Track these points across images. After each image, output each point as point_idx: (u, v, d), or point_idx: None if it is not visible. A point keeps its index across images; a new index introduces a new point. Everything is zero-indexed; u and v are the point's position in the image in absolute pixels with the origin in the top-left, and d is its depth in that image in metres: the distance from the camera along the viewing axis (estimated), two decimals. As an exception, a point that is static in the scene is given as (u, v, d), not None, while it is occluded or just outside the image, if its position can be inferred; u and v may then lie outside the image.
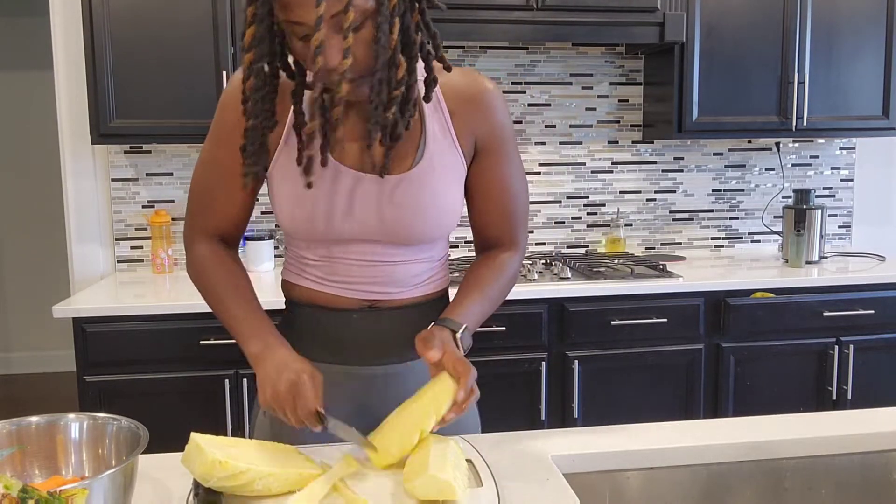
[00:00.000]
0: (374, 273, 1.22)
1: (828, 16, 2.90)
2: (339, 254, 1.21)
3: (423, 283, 1.27)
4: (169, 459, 1.13)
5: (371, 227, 1.19)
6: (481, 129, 1.22)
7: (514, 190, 1.28)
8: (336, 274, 1.23)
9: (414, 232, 1.20)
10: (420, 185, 1.18)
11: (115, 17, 2.52)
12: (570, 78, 3.14)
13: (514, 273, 1.31)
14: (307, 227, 1.19)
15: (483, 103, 1.21)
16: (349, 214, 1.18)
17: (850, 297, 2.74)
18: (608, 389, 2.64)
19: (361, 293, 1.23)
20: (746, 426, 1.26)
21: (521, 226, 1.32)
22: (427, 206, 1.18)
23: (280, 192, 1.19)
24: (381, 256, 1.22)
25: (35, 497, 0.76)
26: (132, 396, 2.39)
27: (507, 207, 1.28)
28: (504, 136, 1.25)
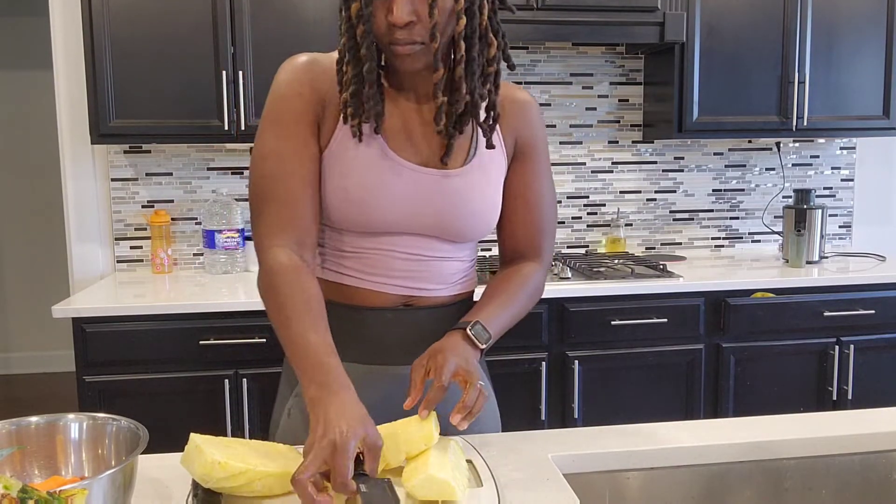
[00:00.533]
0: (415, 268, 1.22)
1: (828, 16, 2.90)
2: (384, 246, 1.21)
3: (458, 282, 1.28)
4: (169, 459, 1.13)
5: (422, 220, 1.19)
6: (522, 133, 1.26)
7: (545, 201, 1.30)
8: (376, 267, 1.21)
9: (464, 227, 1.21)
10: (473, 181, 1.20)
11: (115, 16, 2.52)
12: (571, 78, 3.14)
13: (537, 286, 1.30)
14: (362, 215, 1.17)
15: (525, 110, 1.27)
16: (402, 205, 1.18)
17: (850, 297, 2.74)
18: (608, 389, 2.64)
19: (400, 288, 1.23)
20: (746, 426, 1.26)
21: (548, 239, 1.32)
22: (478, 202, 1.21)
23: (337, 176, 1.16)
24: (424, 251, 1.22)
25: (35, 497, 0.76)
26: (132, 396, 2.39)
27: (536, 217, 1.29)
28: (540, 146, 1.29)
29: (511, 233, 1.31)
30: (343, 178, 1.16)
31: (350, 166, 1.16)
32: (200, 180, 2.95)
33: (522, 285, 1.27)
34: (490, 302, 1.23)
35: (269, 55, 2.59)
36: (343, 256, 1.23)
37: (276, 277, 1.09)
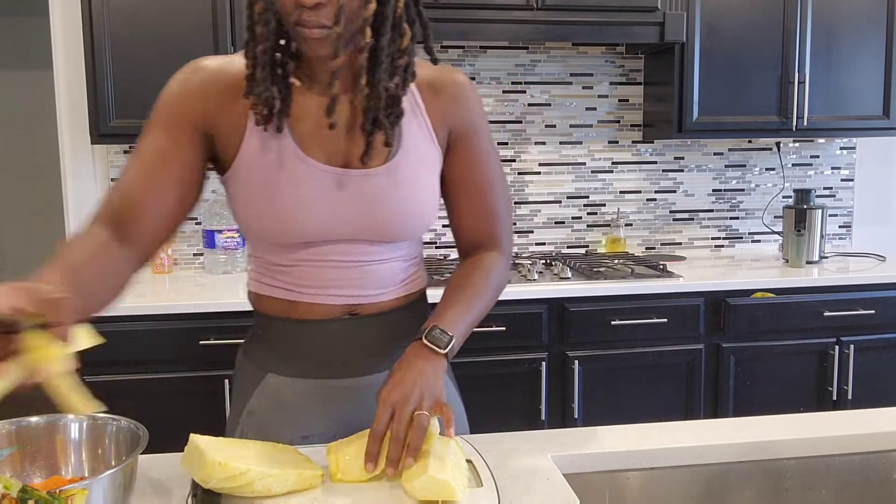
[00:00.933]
0: (352, 275, 1.15)
1: (828, 16, 2.90)
2: (314, 256, 1.14)
3: (403, 284, 1.21)
4: (169, 459, 1.13)
5: (349, 225, 1.12)
6: (455, 118, 1.17)
7: (493, 186, 1.21)
8: (310, 279, 1.15)
9: (395, 227, 1.14)
10: (399, 177, 1.12)
11: (114, 16, 2.52)
12: (570, 78, 3.14)
13: (501, 275, 1.23)
14: (277, 228, 1.10)
15: (456, 94, 1.17)
16: (324, 212, 1.10)
17: (850, 297, 2.74)
18: (608, 389, 2.64)
19: (341, 298, 1.16)
20: (746, 426, 1.25)
21: (504, 226, 1.24)
22: (407, 199, 1.13)
23: (247, 191, 1.10)
24: (359, 256, 1.15)
25: (35, 497, 0.76)
26: (132, 396, 2.39)
27: (487, 205, 1.21)
28: (479, 129, 1.19)
29: (463, 224, 1.23)
30: (255, 190, 1.09)
31: (261, 177, 1.09)
32: (200, 180, 2.95)
33: (485, 276, 1.20)
34: (452, 300, 1.15)
35: (269, 55, 2.59)
36: (276, 271, 1.17)
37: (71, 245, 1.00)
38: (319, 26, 0.98)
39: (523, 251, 3.17)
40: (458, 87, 1.17)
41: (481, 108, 1.21)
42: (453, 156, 1.19)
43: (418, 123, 1.15)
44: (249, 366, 1.26)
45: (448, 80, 1.17)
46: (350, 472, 1.03)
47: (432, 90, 1.16)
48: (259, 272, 1.21)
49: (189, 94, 1.10)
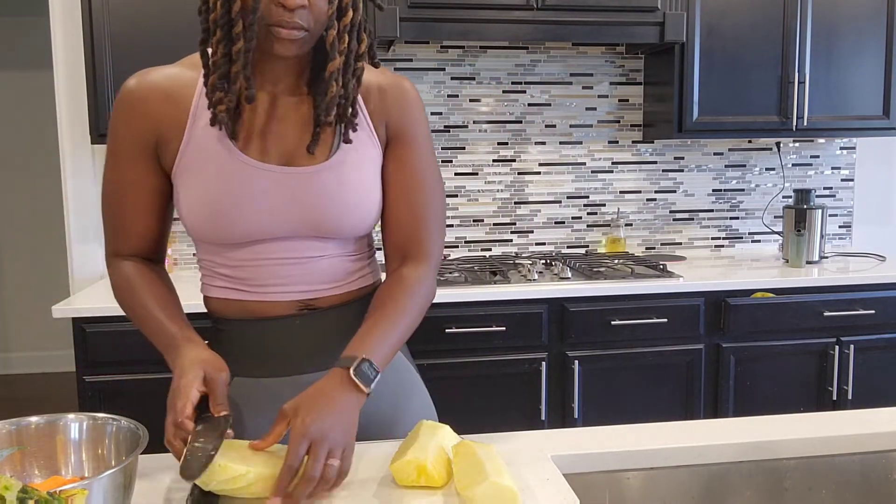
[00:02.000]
0: (302, 271, 1.17)
1: (828, 16, 2.90)
2: (265, 254, 1.16)
3: (354, 279, 1.23)
4: (169, 459, 1.13)
5: (291, 222, 1.14)
6: (393, 117, 1.19)
7: (423, 189, 1.21)
8: (261, 277, 1.17)
9: (338, 223, 1.15)
10: (340, 173, 1.14)
11: (114, 17, 2.52)
12: (570, 78, 3.14)
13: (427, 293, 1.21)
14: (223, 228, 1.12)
15: (397, 95, 1.20)
16: (269, 210, 1.12)
17: (850, 297, 2.74)
18: (608, 389, 2.64)
19: (295, 294, 1.18)
20: (746, 426, 1.26)
21: (432, 233, 1.23)
22: (349, 195, 1.15)
23: (188, 193, 1.13)
24: (306, 252, 1.17)
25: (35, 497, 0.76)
26: (132, 396, 2.39)
27: (417, 207, 1.21)
28: (417, 131, 1.21)
29: (391, 225, 1.22)
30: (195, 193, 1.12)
31: (201, 179, 1.12)
32: (200, 180, 2.95)
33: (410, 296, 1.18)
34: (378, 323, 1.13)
35: (269, 55, 2.59)
36: (226, 271, 1.19)
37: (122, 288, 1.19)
38: (296, 27, 1.04)
39: (523, 251, 3.17)
40: (399, 90, 1.21)
41: (422, 116, 1.23)
42: (389, 155, 1.21)
43: (359, 122, 1.17)
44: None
45: (391, 83, 1.21)
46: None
47: (375, 90, 1.19)
48: (209, 275, 1.22)
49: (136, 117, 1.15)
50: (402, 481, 1.03)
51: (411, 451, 1.03)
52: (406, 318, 1.16)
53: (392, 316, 1.14)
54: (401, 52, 3.02)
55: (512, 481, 0.97)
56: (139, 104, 1.15)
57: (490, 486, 0.95)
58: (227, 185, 1.11)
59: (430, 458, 1.02)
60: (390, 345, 1.12)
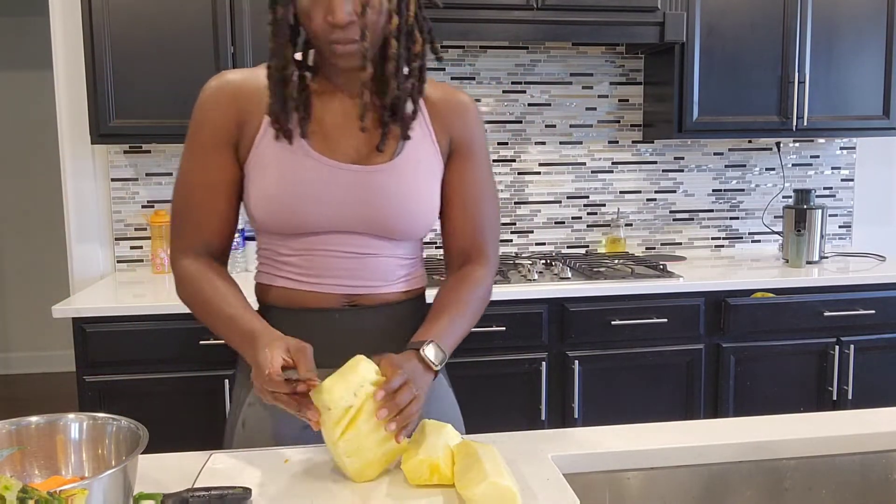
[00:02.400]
0: (352, 265, 1.22)
1: (828, 16, 2.90)
2: (317, 246, 1.21)
3: (402, 280, 1.27)
4: (169, 459, 1.13)
5: (350, 217, 1.19)
6: (456, 131, 1.26)
7: (483, 198, 1.29)
8: (313, 268, 1.22)
9: (393, 223, 1.21)
10: (401, 175, 1.20)
11: (114, 16, 2.52)
12: (570, 78, 3.14)
13: (486, 291, 1.30)
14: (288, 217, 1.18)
15: (460, 110, 1.27)
16: (330, 203, 1.18)
17: (850, 297, 2.74)
18: (608, 389, 2.64)
19: (342, 288, 1.23)
20: (746, 426, 1.26)
21: (491, 239, 1.32)
22: (407, 197, 1.20)
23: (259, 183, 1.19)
24: (359, 248, 1.22)
25: (35, 497, 0.76)
26: (132, 396, 2.39)
27: (475, 215, 1.29)
28: (477, 144, 1.28)
29: (452, 232, 1.30)
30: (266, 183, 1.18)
31: (271, 170, 1.18)
32: (200, 180, 2.95)
33: (473, 292, 1.26)
34: (442, 315, 1.21)
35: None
36: (280, 261, 1.25)
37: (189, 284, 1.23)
38: (350, 41, 1.09)
39: (523, 251, 3.17)
40: (461, 104, 1.27)
41: (481, 130, 1.30)
42: (451, 167, 1.27)
43: (422, 131, 1.23)
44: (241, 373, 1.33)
45: (453, 97, 1.27)
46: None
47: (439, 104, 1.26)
48: (265, 264, 1.28)
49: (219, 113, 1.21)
50: (415, 480, 1.03)
51: (423, 451, 1.03)
52: (468, 313, 1.25)
53: (456, 308, 1.23)
54: (401, 52, 3.01)
55: (512, 481, 0.97)
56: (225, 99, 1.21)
57: (490, 487, 0.95)
58: (295, 177, 1.17)
59: (442, 457, 1.03)
60: (454, 334, 1.20)
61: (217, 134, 1.20)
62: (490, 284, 1.31)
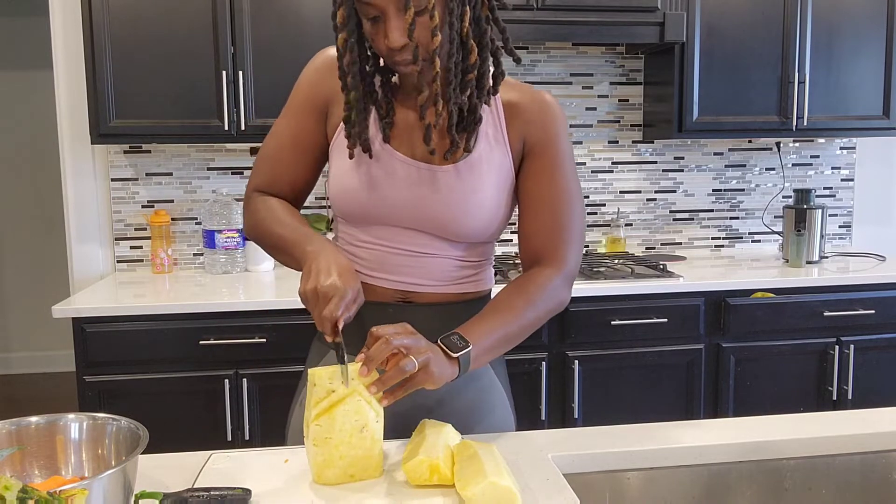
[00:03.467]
0: (409, 263, 1.24)
1: (828, 16, 2.90)
2: (379, 239, 1.24)
3: (459, 282, 1.27)
4: (169, 459, 1.13)
5: (412, 214, 1.21)
6: (534, 133, 1.23)
7: (564, 200, 1.24)
8: (373, 261, 1.25)
9: (453, 223, 1.21)
10: (465, 177, 1.20)
11: (114, 16, 2.52)
12: (571, 78, 3.14)
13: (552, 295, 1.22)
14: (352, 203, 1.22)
15: (540, 110, 1.24)
16: (392, 199, 1.21)
17: (850, 297, 2.74)
18: (608, 389, 2.64)
19: (395, 283, 1.25)
20: (746, 426, 1.26)
21: (570, 243, 1.24)
22: (468, 198, 1.20)
23: (338, 169, 1.24)
24: (418, 247, 1.23)
25: (35, 497, 0.76)
26: (132, 396, 2.39)
27: (553, 220, 1.23)
28: (557, 146, 1.24)
29: (526, 235, 1.27)
30: (342, 171, 1.23)
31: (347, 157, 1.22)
32: (200, 180, 2.96)
33: (529, 295, 1.20)
34: (487, 314, 1.17)
35: (269, 55, 2.59)
36: (349, 249, 1.28)
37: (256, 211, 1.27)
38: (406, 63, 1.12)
39: (523, 251, 3.17)
40: (541, 104, 1.25)
41: (563, 130, 1.26)
42: (526, 168, 1.25)
43: (495, 134, 1.23)
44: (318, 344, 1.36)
45: (534, 98, 1.25)
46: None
47: (517, 107, 1.24)
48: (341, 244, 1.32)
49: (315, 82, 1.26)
50: (415, 480, 1.03)
51: (423, 451, 1.03)
52: (516, 318, 1.17)
53: (502, 312, 1.17)
54: (401, 52, 3.01)
55: (512, 481, 0.97)
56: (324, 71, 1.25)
57: (489, 487, 0.95)
58: (370, 169, 1.21)
59: (442, 457, 1.03)
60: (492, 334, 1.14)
61: (311, 99, 1.26)
62: (560, 287, 1.23)
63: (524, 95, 1.25)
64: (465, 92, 1.16)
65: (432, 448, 1.04)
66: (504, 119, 1.23)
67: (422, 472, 1.02)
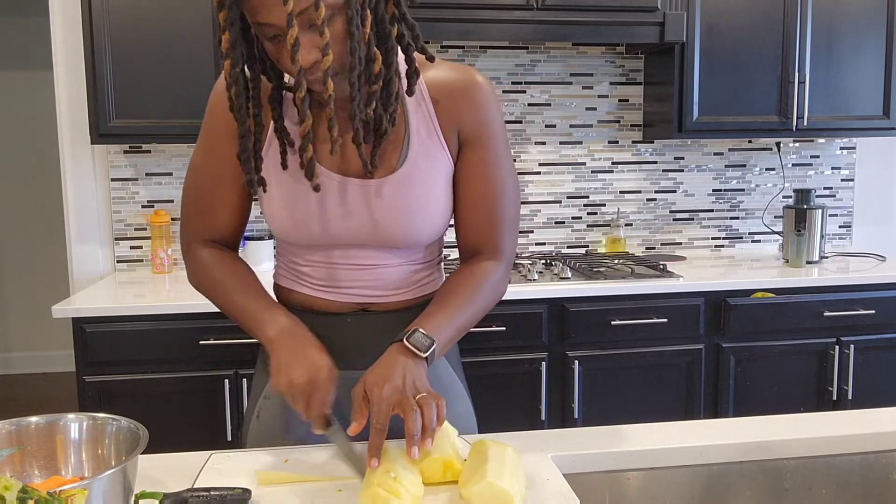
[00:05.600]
0: (364, 276, 1.21)
1: (828, 16, 2.90)
2: (330, 258, 1.20)
3: (416, 286, 1.25)
4: (169, 459, 1.13)
5: (361, 231, 1.17)
6: (466, 121, 1.17)
7: (500, 190, 1.20)
8: (325, 278, 1.22)
9: (403, 235, 1.17)
10: (406, 186, 1.15)
11: (114, 16, 2.52)
12: (570, 78, 3.14)
13: (495, 284, 1.23)
14: (298, 230, 1.17)
15: (470, 96, 1.16)
16: (338, 218, 1.16)
17: (850, 297, 2.74)
18: (608, 389, 2.64)
19: (353, 297, 1.22)
20: (746, 426, 1.26)
21: (507, 233, 1.23)
22: (415, 207, 1.15)
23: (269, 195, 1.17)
24: (372, 260, 1.20)
25: (35, 497, 0.76)
26: (132, 396, 2.39)
27: (491, 209, 1.21)
28: (490, 131, 1.19)
29: (465, 227, 1.23)
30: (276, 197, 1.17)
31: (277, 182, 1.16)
32: (200, 180, 2.95)
33: (477, 284, 1.20)
34: (440, 305, 1.16)
35: (269, 55, 2.59)
36: (296, 267, 1.24)
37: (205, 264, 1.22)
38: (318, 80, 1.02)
39: (523, 251, 3.17)
40: (471, 88, 1.17)
41: (496, 112, 1.19)
42: (462, 159, 1.19)
43: (427, 129, 1.16)
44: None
45: (462, 80, 1.17)
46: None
47: (445, 91, 1.16)
48: (283, 268, 1.28)
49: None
50: (429, 479, 1.03)
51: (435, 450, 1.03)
52: (469, 308, 1.18)
53: (455, 302, 1.16)
54: (401, 52, 3.01)
55: (512, 484, 0.96)
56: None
57: (486, 487, 0.95)
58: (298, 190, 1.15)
59: (453, 454, 1.04)
60: (449, 326, 1.14)
61: (227, 130, 1.16)
62: (502, 278, 1.24)
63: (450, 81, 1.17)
64: (370, 105, 1.07)
65: (441, 446, 1.04)
66: (434, 113, 1.16)
67: (435, 470, 1.03)
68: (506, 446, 1.06)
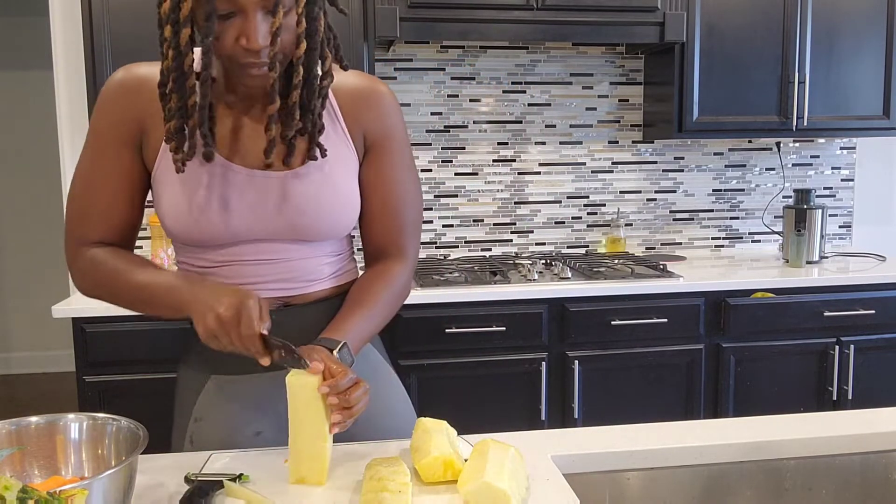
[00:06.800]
0: (280, 270, 1.19)
1: (828, 16, 2.90)
2: (243, 255, 1.18)
3: (334, 276, 1.25)
4: (169, 459, 1.13)
5: (269, 225, 1.16)
6: (371, 126, 1.21)
7: (401, 194, 1.24)
8: (240, 276, 1.18)
9: (314, 228, 1.17)
10: (316, 179, 1.16)
11: (114, 16, 2.52)
12: (570, 78, 3.14)
13: (402, 288, 1.26)
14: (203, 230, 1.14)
15: (374, 102, 1.21)
16: (244, 213, 1.14)
17: (850, 297, 2.74)
18: (608, 389, 2.64)
19: (272, 292, 1.20)
20: (746, 426, 1.26)
21: (410, 235, 1.27)
22: (326, 200, 1.17)
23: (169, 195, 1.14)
24: (284, 254, 1.19)
25: (35, 497, 0.76)
26: (132, 396, 2.39)
27: (394, 212, 1.24)
28: (394, 137, 1.23)
29: (370, 230, 1.26)
30: (176, 194, 1.13)
31: (181, 181, 1.13)
32: (200, 180, 2.95)
33: (386, 289, 1.23)
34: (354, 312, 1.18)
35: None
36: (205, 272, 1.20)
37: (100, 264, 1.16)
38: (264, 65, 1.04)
39: (523, 251, 3.17)
40: (376, 95, 1.22)
41: (399, 120, 1.24)
42: (367, 163, 1.23)
43: (334, 128, 1.19)
44: (189, 372, 1.28)
45: (367, 88, 1.22)
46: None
47: (350, 97, 1.20)
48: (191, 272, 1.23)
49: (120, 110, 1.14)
50: (429, 478, 1.03)
51: (435, 449, 1.04)
52: (381, 311, 1.21)
53: (368, 306, 1.20)
54: (401, 52, 3.02)
55: (511, 485, 0.96)
56: (128, 95, 1.14)
57: (482, 487, 0.95)
58: (206, 187, 1.13)
59: (453, 453, 1.04)
60: (365, 333, 1.18)
61: (116, 132, 1.14)
62: (407, 281, 1.27)
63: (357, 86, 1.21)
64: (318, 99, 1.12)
65: (442, 445, 1.04)
66: (341, 113, 1.19)
67: (435, 469, 1.03)
68: (508, 447, 1.06)
